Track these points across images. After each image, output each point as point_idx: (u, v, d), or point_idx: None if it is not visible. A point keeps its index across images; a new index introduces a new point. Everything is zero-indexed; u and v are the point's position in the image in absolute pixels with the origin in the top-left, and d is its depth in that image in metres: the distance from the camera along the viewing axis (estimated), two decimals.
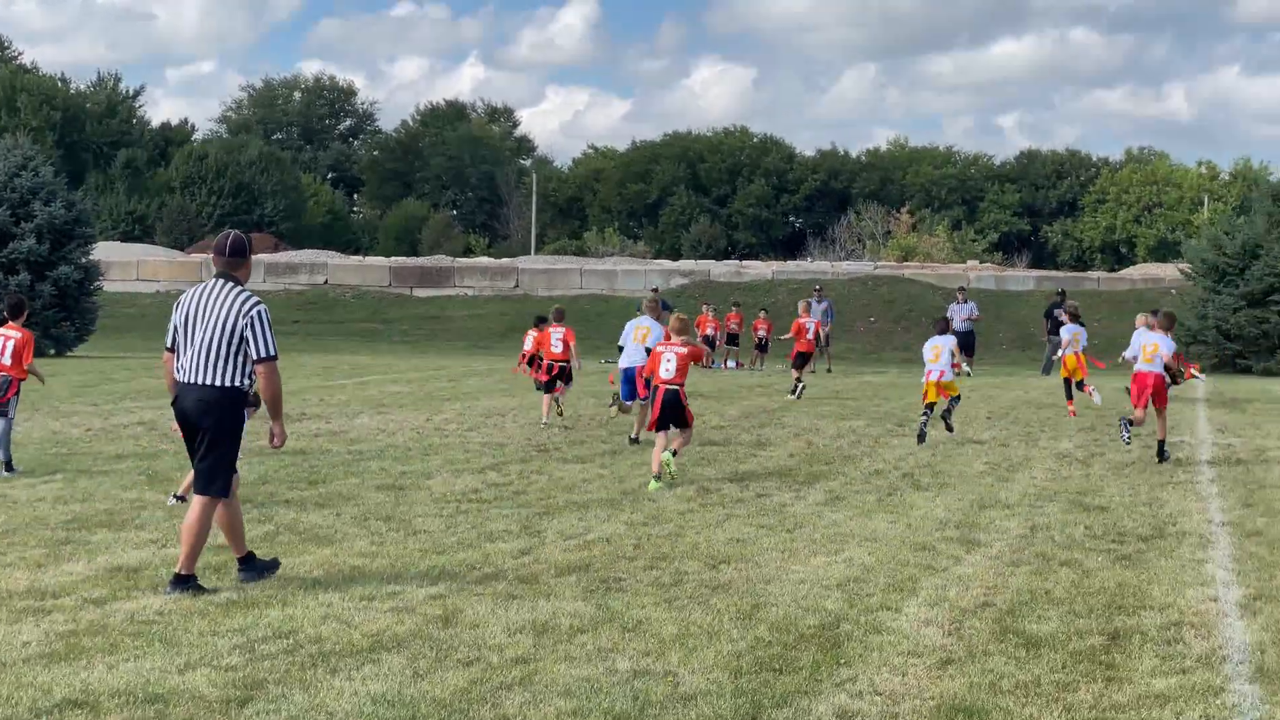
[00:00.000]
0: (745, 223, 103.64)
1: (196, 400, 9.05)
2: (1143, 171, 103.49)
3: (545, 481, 14.36)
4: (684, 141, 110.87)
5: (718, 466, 15.80)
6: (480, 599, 8.86)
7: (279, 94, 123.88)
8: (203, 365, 9.05)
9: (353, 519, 11.89)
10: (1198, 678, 7.34)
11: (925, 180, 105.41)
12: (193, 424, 9.12)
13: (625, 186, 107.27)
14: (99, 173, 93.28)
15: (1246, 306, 40.93)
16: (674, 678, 7.18)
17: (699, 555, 10.45)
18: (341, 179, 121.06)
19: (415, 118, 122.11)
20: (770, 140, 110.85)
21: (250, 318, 9.10)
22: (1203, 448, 18.33)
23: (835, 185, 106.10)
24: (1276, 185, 50.23)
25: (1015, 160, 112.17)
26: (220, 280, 9.29)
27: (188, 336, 9.14)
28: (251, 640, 7.80)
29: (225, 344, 9.04)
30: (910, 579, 9.68)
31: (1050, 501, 13.45)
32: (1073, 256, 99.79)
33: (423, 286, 55.44)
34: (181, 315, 9.24)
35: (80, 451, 16.46)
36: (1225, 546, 11.21)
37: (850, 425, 20.62)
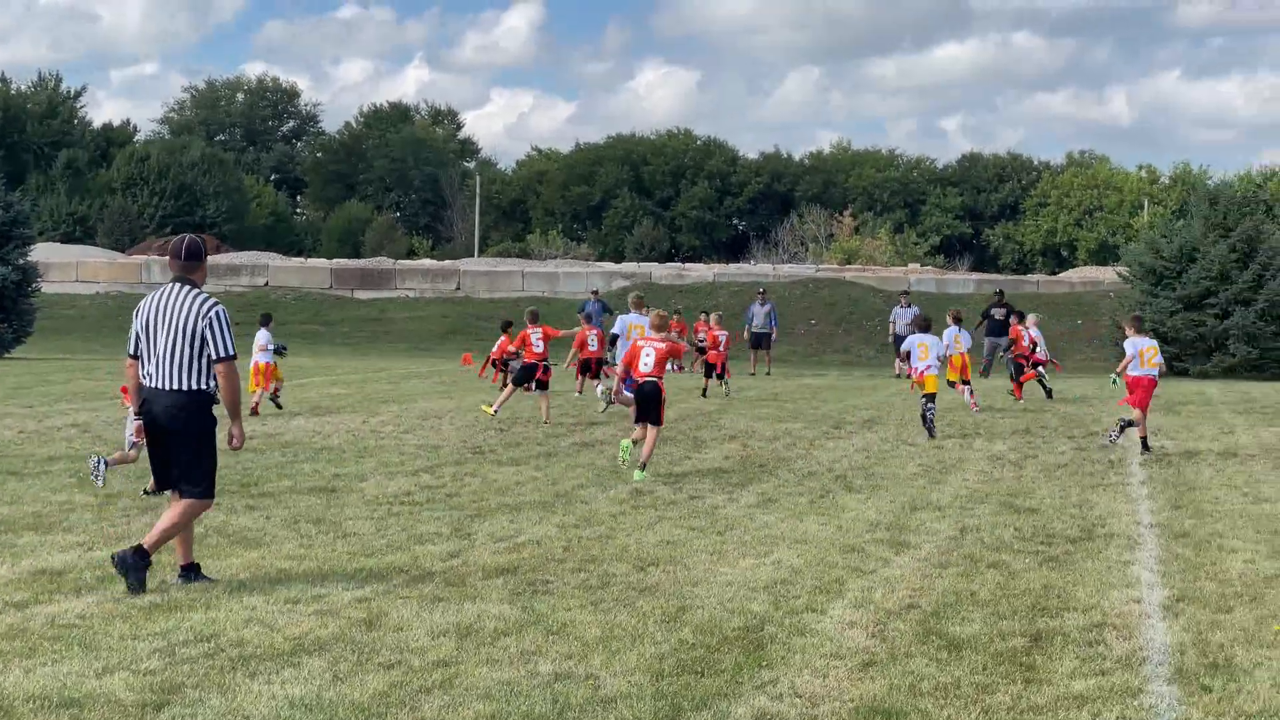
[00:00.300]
0: (688, 225, 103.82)
1: (166, 407, 9.15)
2: (1084, 175, 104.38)
3: (478, 484, 14.33)
4: (628, 144, 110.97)
5: (652, 469, 15.77)
6: (406, 602, 8.82)
7: (222, 95, 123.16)
8: (169, 371, 9.13)
9: (282, 522, 11.83)
10: (1117, 679, 7.40)
11: (868, 183, 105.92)
12: (164, 429, 9.21)
13: (569, 189, 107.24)
14: (40, 173, 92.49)
15: (1183, 309, 41.31)
16: (595, 680, 7.18)
17: (628, 558, 10.45)
18: (284, 180, 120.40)
19: (359, 119, 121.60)
20: (714, 143, 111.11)
21: (209, 319, 9.14)
22: (1134, 449, 18.46)
23: (778, 188, 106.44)
24: (1214, 189, 50.80)
25: (957, 163, 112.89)
26: (177, 284, 9.31)
27: (150, 343, 9.21)
28: (172, 644, 7.75)
29: (188, 347, 9.12)
30: (837, 581, 9.71)
31: (981, 503, 13.53)
32: (1014, 259, 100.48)
33: (364, 288, 55.22)
34: (142, 321, 9.29)
35: (11, 454, 16.30)
36: (1152, 548, 11.30)
37: (787, 427, 20.68)
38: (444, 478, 14.79)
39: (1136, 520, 12.68)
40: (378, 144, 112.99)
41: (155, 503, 12.65)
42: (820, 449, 18.01)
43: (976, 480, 15.26)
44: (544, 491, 13.92)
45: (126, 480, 14.12)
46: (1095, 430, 20.96)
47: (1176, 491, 14.60)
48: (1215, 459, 17.48)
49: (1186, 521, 12.60)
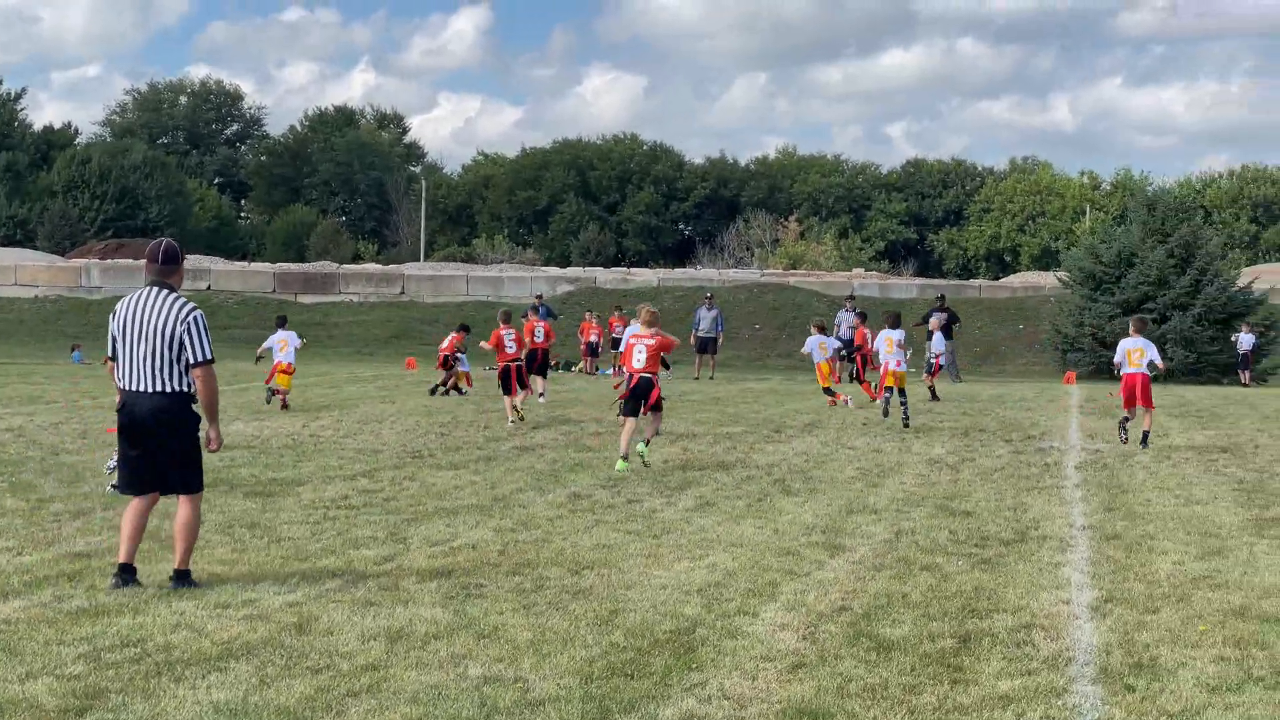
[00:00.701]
0: (635, 230, 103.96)
1: (151, 409, 9.23)
2: (1027, 181, 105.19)
3: (417, 488, 14.29)
4: (574, 149, 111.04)
5: (592, 472, 15.80)
6: (338, 606, 8.79)
7: (165, 98, 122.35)
8: (152, 373, 9.23)
9: (216, 526, 11.74)
10: (1042, 679, 7.45)
11: (813, 189, 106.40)
12: (149, 431, 9.26)
13: (515, 193, 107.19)
14: None
15: (1122, 314, 41.63)
16: (524, 684, 7.17)
17: (563, 561, 10.45)
18: (228, 184, 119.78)
19: (304, 123, 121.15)
20: (660, 148, 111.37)
21: (188, 323, 9.24)
22: (1071, 453, 18.62)
23: (724, 193, 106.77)
24: (1153, 195, 51.32)
25: (902, 169, 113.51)
26: (155, 288, 9.37)
27: (128, 345, 9.29)
28: (98, 649, 7.68)
29: (167, 350, 9.21)
30: (771, 584, 9.74)
31: (918, 506, 13.59)
32: (958, 265, 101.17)
33: (307, 293, 54.99)
34: (118, 324, 9.37)
35: None
36: (1083, 550, 11.38)
37: (727, 431, 20.73)
38: (382, 482, 14.74)
39: (1069, 523, 12.77)
40: (323, 148, 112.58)
41: (86, 506, 12.57)
42: (760, 453, 18.06)
43: (914, 483, 15.33)
44: (482, 495, 13.89)
45: (60, 484, 14.02)
46: (1033, 434, 21.11)
47: (1110, 494, 14.72)
48: (1149, 462, 17.64)
49: (1118, 524, 12.70)
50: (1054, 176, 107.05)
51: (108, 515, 12.14)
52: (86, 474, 14.89)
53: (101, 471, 14.31)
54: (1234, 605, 9.21)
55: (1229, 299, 42.21)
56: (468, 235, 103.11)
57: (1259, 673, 7.60)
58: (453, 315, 44.85)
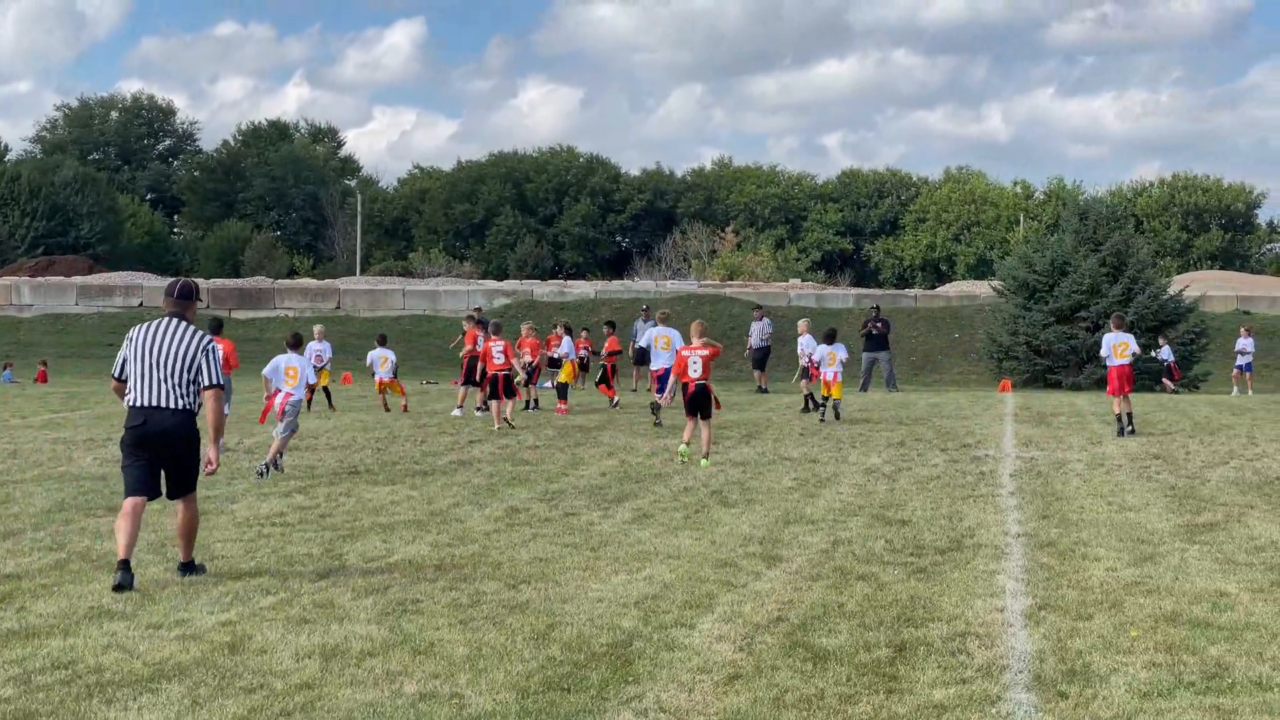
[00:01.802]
0: (572, 242, 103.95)
1: (173, 424, 10.25)
2: (961, 191, 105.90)
3: (353, 504, 14.21)
4: (510, 161, 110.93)
5: (529, 486, 15.77)
6: (272, 624, 8.73)
7: (95, 114, 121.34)
8: (169, 392, 10.26)
9: (149, 545, 11.63)
10: (977, 687, 7.49)
11: (749, 199, 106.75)
12: (164, 442, 10.24)
13: (451, 206, 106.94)
14: None
15: (1056, 323, 42.06)
16: (460, 699, 7.15)
17: (500, 575, 10.42)
18: (161, 200, 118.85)
19: (238, 138, 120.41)
20: (597, 160, 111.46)
21: (206, 352, 10.38)
22: (1006, 461, 18.74)
23: (661, 205, 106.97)
24: (1085, 204, 51.73)
25: (838, 180, 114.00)
26: (173, 319, 10.51)
27: (146, 367, 10.30)
28: (28, 671, 7.60)
29: (185, 373, 10.30)
30: (708, 595, 9.74)
31: (854, 516, 13.64)
32: (894, 275, 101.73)
33: (242, 308, 54.64)
34: (134, 349, 10.39)
35: None
36: (1018, 557, 11.45)
37: (664, 444, 20.72)
38: (318, 498, 14.65)
39: (1004, 530, 12.85)
40: (257, 162, 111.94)
41: (16, 528, 12.42)
42: (696, 465, 18.06)
43: (850, 493, 15.39)
44: (419, 510, 13.84)
45: None
46: (969, 442, 21.24)
47: (1044, 501, 14.82)
48: (1083, 469, 17.78)
49: (1052, 531, 12.80)
50: (988, 186, 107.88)
51: (38, 536, 12.02)
52: (16, 494, 14.72)
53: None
54: (1165, 611, 9.30)
55: (1160, 307, 42.62)
56: (404, 249, 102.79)
57: (1190, 678, 7.67)
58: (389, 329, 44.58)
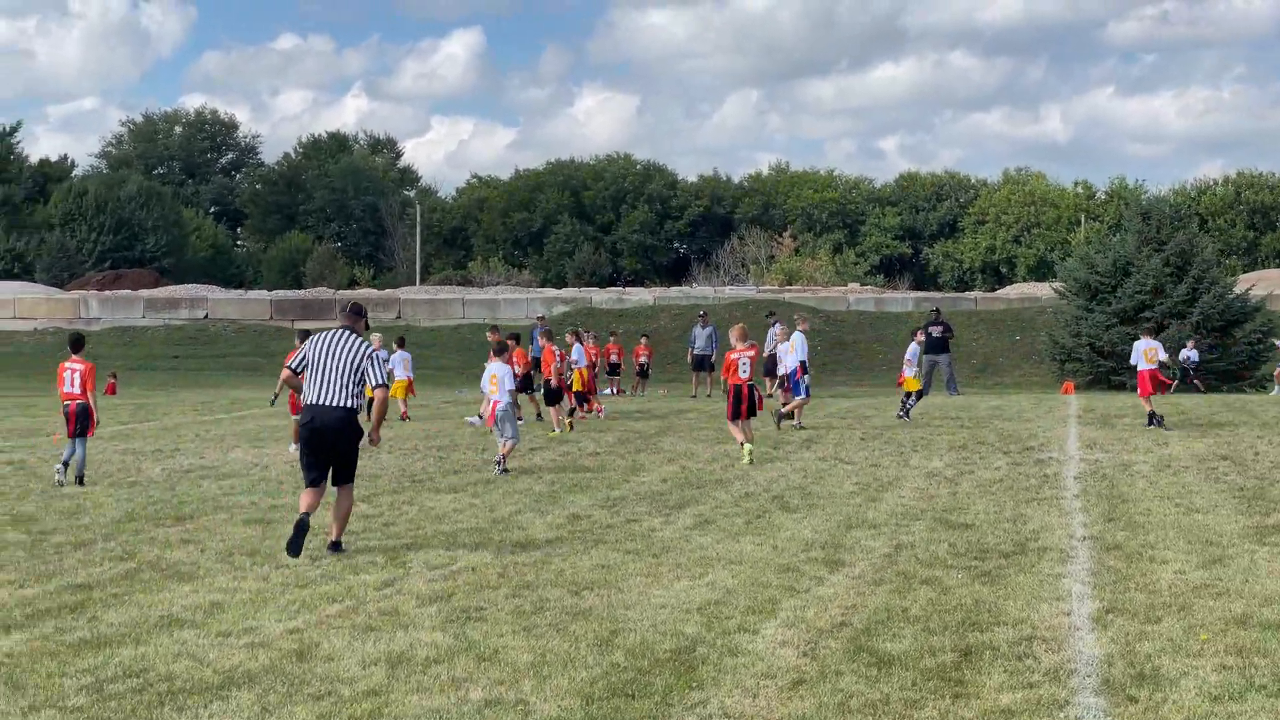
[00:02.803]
0: (630, 249, 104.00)
1: (337, 419, 11.89)
2: (1021, 192, 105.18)
3: (415, 512, 14.29)
4: (567, 169, 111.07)
5: (591, 493, 15.80)
6: (338, 632, 8.80)
7: (160, 129, 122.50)
8: (338, 392, 11.92)
9: (217, 554, 11.76)
10: (1044, 691, 7.45)
11: (806, 204, 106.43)
12: (331, 434, 11.89)
13: (509, 215, 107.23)
14: None
15: (1119, 324, 41.73)
16: (525, 706, 7.18)
17: (563, 582, 10.45)
18: (224, 213, 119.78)
19: (298, 150, 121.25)
20: (654, 167, 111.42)
21: (370, 359, 12.14)
22: (1070, 463, 18.62)
23: (718, 210, 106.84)
24: (1147, 204, 51.30)
25: (895, 183, 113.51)
26: (344, 330, 12.28)
27: (320, 370, 11.99)
28: (100, 680, 7.69)
29: (352, 377, 11.98)
30: (771, 601, 9.74)
31: (917, 520, 13.59)
32: (954, 277, 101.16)
33: (304, 319, 54.97)
34: (314, 353, 12.13)
35: None
36: (1084, 561, 11.38)
37: (724, 449, 20.71)
38: (381, 507, 14.74)
39: (1070, 534, 12.77)
40: (317, 174, 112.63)
41: (87, 538, 12.57)
42: (758, 470, 18.06)
43: (912, 497, 15.33)
44: (481, 518, 13.90)
45: (61, 516, 14.03)
46: (1032, 445, 21.11)
47: (1110, 504, 14.71)
48: (1149, 471, 17.64)
49: (1119, 534, 12.70)
50: (1048, 187, 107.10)
51: (109, 546, 12.16)
52: (87, 505, 14.90)
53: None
54: (1235, 614, 9.21)
55: (1226, 306, 42.22)
56: (463, 258, 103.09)
57: (1261, 681, 7.60)
58: (448, 337, 44.95)
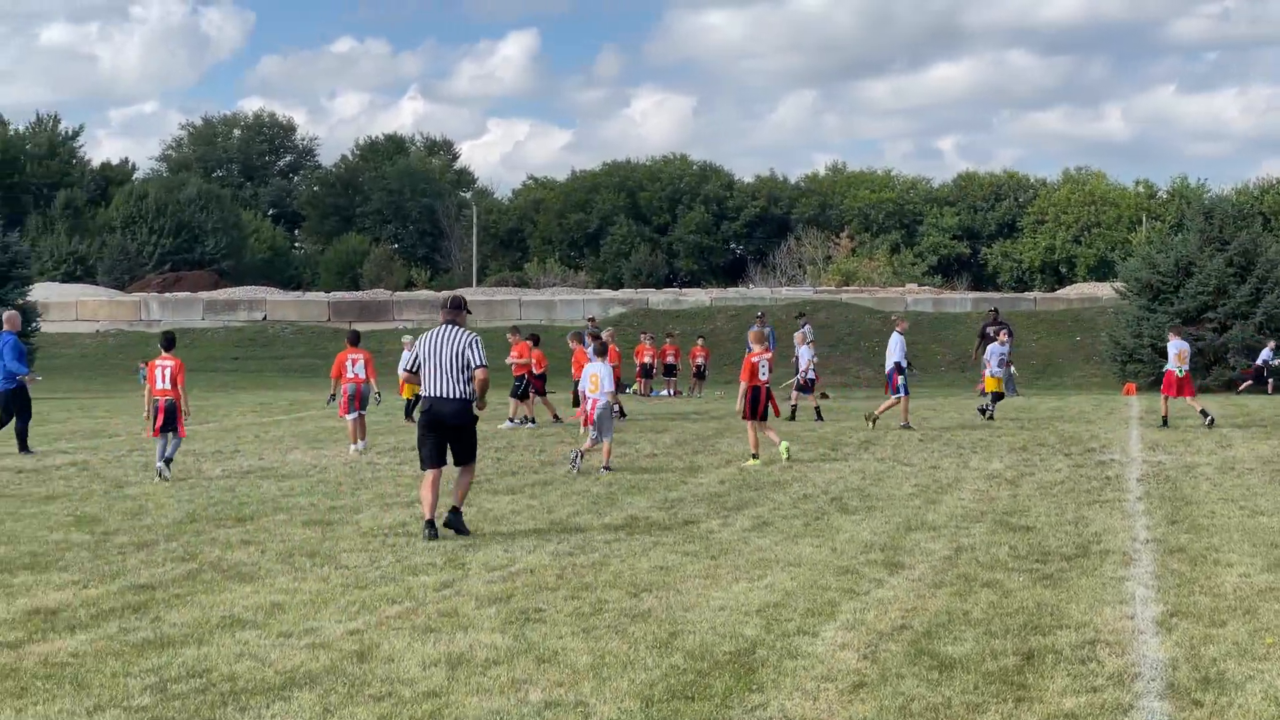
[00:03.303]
0: (686, 250, 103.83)
1: (454, 410, 13.06)
2: (1081, 191, 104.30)
3: (473, 513, 14.30)
4: (623, 170, 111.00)
5: (648, 495, 15.80)
6: (398, 633, 8.82)
7: (219, 132, 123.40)
8: (451, 383, 13.03)
9: (277, 555, 11.82)
10: (1108, 696, 7.38)
11: (864, 204, 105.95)
12: (447, 422, 13.08)
13: (565, 216, 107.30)
14: (39, 213, 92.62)
15: (1181, 324, 41.26)
16: (585, 708, 7.17)
17: (621, 584, 10.44)
18: (282, 215, 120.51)
19: (355, 152, 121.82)
20: (710, 167, 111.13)
21: (470, 344, 13.14)
22: (1132, 465, 18.47)
23: (775, 211, 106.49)
24: (1210, 203, 50.78)
25: (954, 183, 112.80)
26: (450, 325, 13.30)
27: (434, 365, 13.08)
28: (164, 680, 7.74)
29: (462, 368, 13.03)
30: (830, 603, 9.70)
31: (977, 522, 13.51)
32: (1013, 278, 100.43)
33: (362, 321, 55.27)
34: (425, 350, 13.21)
35: (9, 493, 16.30)
36: (1147, 564, 11.28)
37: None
38: (440, 508, 14.74)
39: (1132, 536, 12.66)
40: (374, 176, 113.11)
41: (149, 539, 12.66)
42: (816, 471, 18.01)
43: (972, 499, 15.25)
44: (539, 520, 13.92)
45: (124, 517, 14.14)
46: (1093, 447, 20.96)
47: (1173, 506, 14.59)
48: (1213, 473, 17.48)
49: (1182, 536, 12.59)
50: (1108, 186, 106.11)
51: (170, 547, 12.25)
52: (149, 506, 15.02)
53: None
54: None
55: None
56: (519, 259, 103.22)
57: None
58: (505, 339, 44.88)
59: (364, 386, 21.49)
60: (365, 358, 21.67)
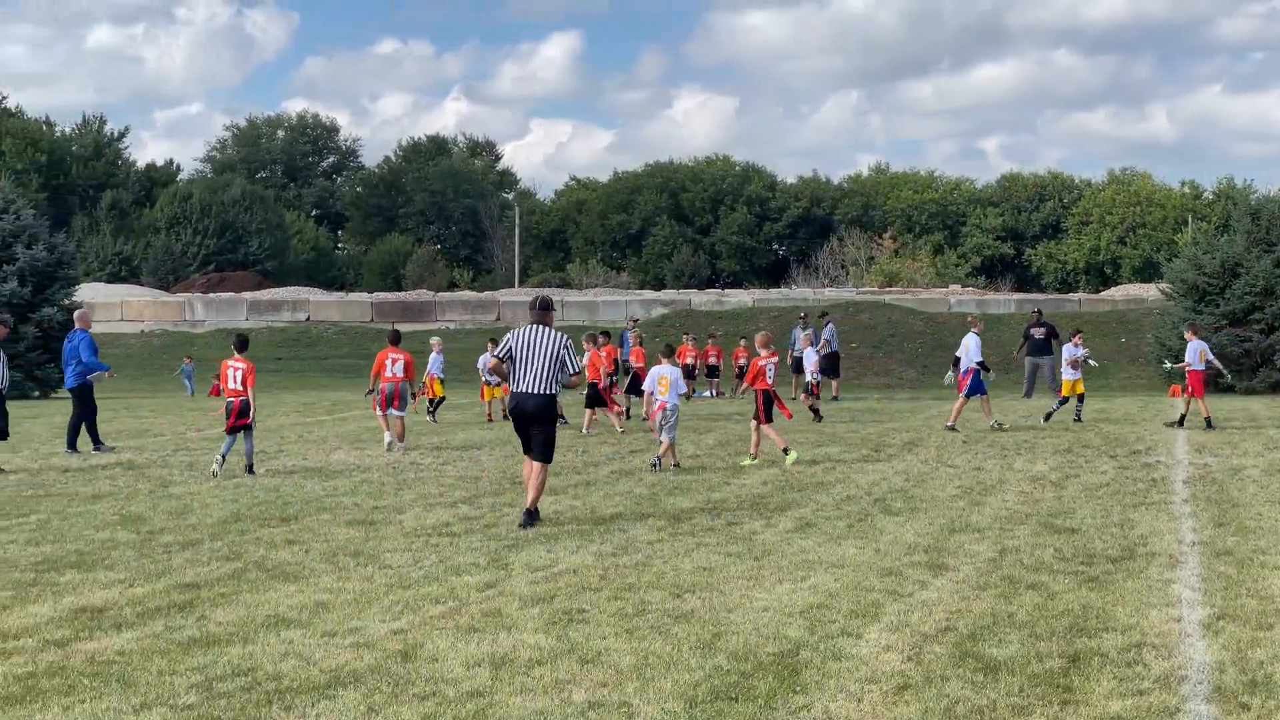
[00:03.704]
0: (728, 251, 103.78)
1: (538, 406, 13.76)
2: (1126, 192, 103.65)
3: (517, 514, 14.31)
4: (666, 171, 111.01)
5: (691, 496, 15.79)
6: (442, 633, 8.84)
7: (263, 133, 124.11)
8: (539, 381, 13.69)
9: (321, 555, 11.86)
10: (1154, 699, 7.33)
11: (907, 205, 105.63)
12: (532, 418, 13.80)
13: (608, 217, 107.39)
14: (85, 214, 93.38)
15: (1228, 325, 41.01)
16: (629, 708, 7.17)
17: (664, 585, 10.44)
18: (325, 216, 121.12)
19: (398, 153, 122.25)
20: (752, 168, 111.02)
21: (566, 348, 13.88)
22: (1179, 468, 18.35)
23: (818, 212, 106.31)
24: (1257, 203, 50.34)
25: (997, 183, 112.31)
26: (539, 326, 13.94)
27: (523, 362, 13.73)
28: (210, 679, 7.78)
29: (552, 366, 13.73)
30: (874, 604, 9.67)
31: (1021, 524, 13.45)
32: (1057, 279, 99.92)
33: (405, 321, 55.38)
34: (516, 345, 13.84)
35: (56, 493, 16.42)
36: (1194, 566, 11.20)
37: (825, 451, 20.64)
38: (482, 508, 14.82)
39: (1178, 539, 12.58)
40: (417, 177, 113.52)
41: (194, 538, 12.74)
42: (859, 473, 17.96)
43: (1017, 501, 15.17)
44: (582, 520, 13.93)
45: (169, 516, 14.23)
46: (1138, 450, 20.83)
47: (1220, 509, 14.48)
48: (1260, 475, 17.34)
49: (1229, 539, 12.49)
50: (1154, 187, 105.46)
51: (215, 546, 12.32)
52: (194, 505, 15.11)
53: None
54: None
55: None
56: (562, 260, 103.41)
57: None
58: None
59: (401, 386, 22.05)
60: (406, 359, 22.31)
